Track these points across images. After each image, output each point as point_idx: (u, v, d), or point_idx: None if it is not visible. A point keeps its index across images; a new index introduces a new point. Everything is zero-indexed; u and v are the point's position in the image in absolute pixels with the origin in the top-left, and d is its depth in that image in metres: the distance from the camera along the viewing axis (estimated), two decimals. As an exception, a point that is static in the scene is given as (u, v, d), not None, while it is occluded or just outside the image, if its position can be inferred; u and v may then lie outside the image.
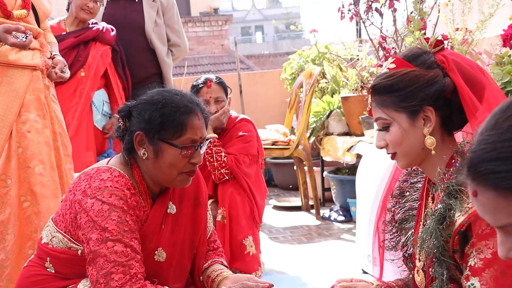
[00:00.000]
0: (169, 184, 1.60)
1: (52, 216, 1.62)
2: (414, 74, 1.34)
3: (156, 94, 1.56)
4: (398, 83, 1.34)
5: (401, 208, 1.54)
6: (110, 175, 1.50)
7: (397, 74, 1.35)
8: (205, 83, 2.77)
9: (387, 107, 1.36)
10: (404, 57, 1.38)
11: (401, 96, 1.34)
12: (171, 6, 3.65)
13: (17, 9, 2.32)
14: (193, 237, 1.68)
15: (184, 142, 1.52)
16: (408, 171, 1.58)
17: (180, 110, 1.51)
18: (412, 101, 1.33)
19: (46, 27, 2.65)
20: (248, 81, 6.12)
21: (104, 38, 3.27)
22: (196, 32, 13.02)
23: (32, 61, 2.36)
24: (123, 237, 1.42)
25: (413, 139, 1.36)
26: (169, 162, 1.52)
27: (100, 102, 3.30)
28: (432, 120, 1.35)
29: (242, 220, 2.68)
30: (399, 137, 1.36)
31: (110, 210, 1.43)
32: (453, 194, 1.28)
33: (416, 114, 1.34)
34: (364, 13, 3.63)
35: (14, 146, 2.27)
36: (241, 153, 2.75)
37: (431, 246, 1.29)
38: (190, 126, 1.52)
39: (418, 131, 1.35)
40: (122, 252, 1.40)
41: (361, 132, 3.85)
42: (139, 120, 1.54)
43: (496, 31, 2.97)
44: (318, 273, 2.99)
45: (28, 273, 1.60)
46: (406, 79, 1.34)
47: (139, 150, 1.55)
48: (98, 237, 1.41)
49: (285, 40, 29.86)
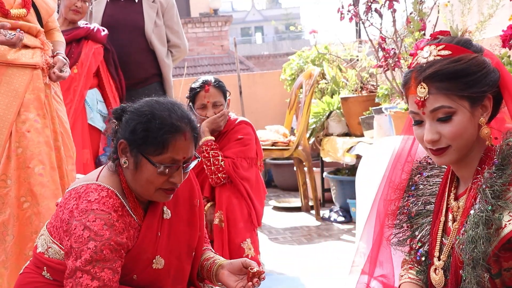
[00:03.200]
0: (146, 197, 1.56)
1: (47, 225, 1.60)
2: (480, 59, 1.27)
3: (146, 105, 1.51)
4: (467, 68, 1.25)
5: (416, 202, 1.47)
6: (98, 196, 1.46)
7: (465, 59, 1.26)
8: (203, 87, 2.73)
9: (452, 93, 1.25)
10: (457, 43, 1.29)
11: (469, 82, 1.25)
12: (170, 7, 3.65)
13: (16, 7, 2.30)
14: (191, 239, 1.66)
15: (163, 161, 1.47)
16: (422, 164, 1.52)
17: (165, 129, 1.46)
18: (480, 88, 1.25)
19: (55, 26, 2.64)
20: (248, 82, 6.11)
21: (96, 36, 3.30)
22: (195, 33, 13.01)
23: (32, 59, 2.35)
24: (93, 267, 1.39)
25: (471, 129, 1.27)
26: (146, 178, 1.49)
27: (93, 100, 3.30)
28: (489, 108, 1.28)
29: (240, 223, 2.67)
30: (462, 128, 1.26)
31: (90, 238, 1.41)
32: (498, 195, 1.21)
33: (478, 102, 1.27)
34: (364, 14, 3.63)
35: (14, 146, 2.26)
36: (238, 156, 2.73)
37: (477, 251, 1.20)
38: (172, 146, 1.46)
39: (475, 121, 1.28)
40: (87, 285, 1.39)
41: (361, 132, 3.86)
42: (125, 128, 1.50)
43: (496, 31, 2.97)
44: (317, 274, 2.99)
45: (25, 280, 1.58)
46: (474, 64, 1.25)
47: (121, 157, 1.52)
48: (71, 265, 1.41)
49: (284, 41, 29.84)
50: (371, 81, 4.33)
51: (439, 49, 1.28)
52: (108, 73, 3.37)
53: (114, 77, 3.39)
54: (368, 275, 1.61)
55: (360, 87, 4.22)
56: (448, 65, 1.26)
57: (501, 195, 1.22)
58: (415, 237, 1.47)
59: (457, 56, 1.27)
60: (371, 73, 4.33)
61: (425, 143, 1.31)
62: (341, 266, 3.09)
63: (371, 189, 2.64)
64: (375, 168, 2.69)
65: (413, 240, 1.48)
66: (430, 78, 1.27)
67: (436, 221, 1.40)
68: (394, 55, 3.53)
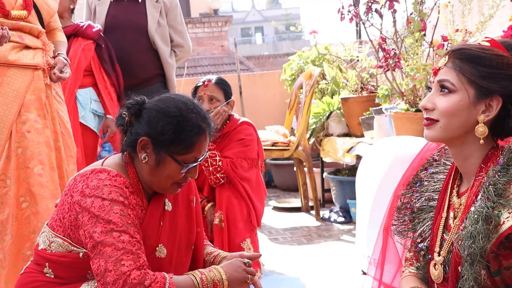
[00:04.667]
0: (160, 190, 1.60)
1: (47, 222, 1.60)
2: (508, 61, 1.28)
3: (173, 106, 1.54)
4: (490, 60, 1.28)
5: (419, 198, 1.50)
6: (108, 175, 1.50)
7: (493, 51, 1.29)
8: (204, 82, 2.79)
9: (463, 74, 1.29)
10: (502, 42, 1.31)
11: (485, 73, 1.27)
12: (174, 6, 3.64)
13: (17, 9, 2.31)
14: (189, 234, 1.69)
15: (188, 160, 1.54)
16: (429, 161, 1.54)
17: (194, 131, 1.52)
18: (492, 83, 1.27)
19: (57, 26, 2.64)
20: (248, 82, 6.12)
21: (85, 33, 3.25)
22: (196, 33, 13.02)
23: (33, 60, 2.35)
24: (128, 228, 1.42)
25: (465, 117, 1.30)
26: (167, 174, 1.54)
27: (87, 100, 3.27)
28: (493, 111, 1.29)
29: (240, 223, 2.67)
30: (455, 109, 1.30)
31: (112, 204, 1.43)
32: (500, 193, 1.23)
33: (484, 97, 1.28)
34: (364, 14, 3.63)
35: (14, 146, 2.27)
36: (238, 157, 2.74)
37: (475, 247, 1.23)
38: (198, 147, 1.54)
39: (474, 113, 1.29)
40: (129, 241, 1.40)
41: (361, 133, 3.85)
42: (149, 126, 1.52)
43: (496, 32, 2.97)
44: (317, 274, 2.99)
45: (26, 279, 1.57)
46: (499, 61, 1.28)
47: (140, 153, 1.54)
48: (102, 229, 1.40)
49: (285, 41, 29.86)
50: (371, 81, 4.33)
51: (483, 39, 1.33)
52: (101, 69, 3.31)
53: (109, 73, 3.32)
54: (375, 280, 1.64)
55: (360, 87, 4.22)
56: (474, 50, 1.30)
57: (503, 194, 1.23)
58: (416, 231, 1.48)
59: (488, 47, 1.30)
60: (371, 74, 4.33)
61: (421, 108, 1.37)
62: (341, 266, 3.09)
63: (371, 190, 2.64)
64: (375, 169, 2.70)
65: (414, 234, 1.49)
66: (454, 54, 1.32)
67: (438, 217, 1.42)
68: (394, 55, 3.53)
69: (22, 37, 2.35)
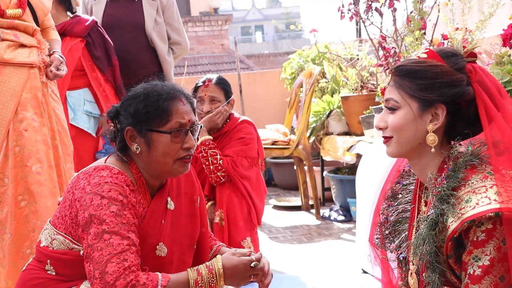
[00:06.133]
0: (167, 174, 1.60)
1: (50, 219, 1.61)
2: (442, 69, 1.34)
3: (138, 88, 1.60)
4: (425, 72, 1.34)
5: (394, 211, 1.54)
6: (110, 172, 1.51)
7: (427, 63, 1.35)
8: (204, 82, 2.78)
9: (403, 90, 1.36)
10: (438, 52, 1.38)
11: (422, 85, 1.34)
12: (170, 4, 3.65)
13: (12, 8, 2.31)
14: (192, 233, 1.69)
15: (172, 127, 1.54)
16: (401, 173, 1.58)
17: (163, 97, 1.54)
18: (430, 94, 1.33)
19: (50, 24, 2.63)
20: (248, 81, 6.11)
21: (72, 31, 3.15)
22: (196, 32, 13.01)
23: (29, 58, 2.35)
24: (120, 229, 1.42)
25: (413, 130, 1.36)
26: (162, 151, 1.54)
27: (79, 101, 3.20)
28: (440, 119, 1.35)
29: (240, 221, 2.68)
30: (402, 122, 1.36)
31: (109, 203, 1.44)
32: (444, 199, 1.28)
33: (427, 107, 1.34)
34: (364, 13, 3.63)
35: (11, 145, 2.27)
36: (239, 155, 2.74)
37: (424, 252, 1.29)
38: (175, 111, 1.55)
39: (422, 124, 1.36)
40: (118, 244, 1.41)
41: (361, 131, 3.85)
42: (126, 116, 1.56)
43: (496, 30, 2.97)
44: (317, 273, 2.99)
45: (27, 276, 1.58)
46: (433, 71, 1.34)
47: (131, 145, 1.56)
48: (95, 230, 1.42)
49: (285, 40, 29.85)
50: (372, 80, 4.32)
51: (421, 52, 1.39)
52: (94, 66, 3.21)
53: (103, 69, 3.23)
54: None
55: (361, 86, 4.22)
56: (410, 65, 1.37)
57: (448, 200, 1.28)
58: (395, 243, 1.53)
59: (424, 59, 1.37)
60: (371, 72, 4.32)
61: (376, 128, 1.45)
62: (341, 265, 3.09)
63: (371, 188, 2.65)
64: (375, 167, 2.70)
65: (394, 246, 1.53)
66: (394, 72, 1.39)
67: (410, 228, 1.46)
68: (394, 54, 3.53)
69: (17, 36, 2.35)
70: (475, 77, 1.35)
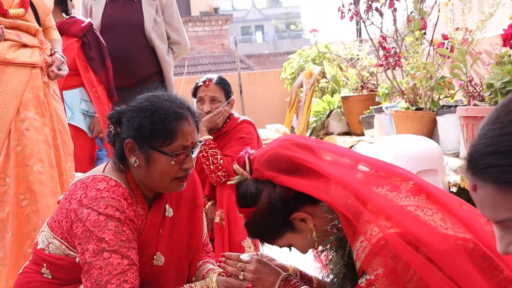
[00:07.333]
0: (162, 190, 1.58)
1: (48, 221, 1.60)
2: (259, 213, 1.44)
3: (145, 101, 1.53)
4: (257, 225, 1.47)
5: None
6: (107, 185, 1.48)
7: (251, 221, 1.48)
8: (204, 82, 2.78)
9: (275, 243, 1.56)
10: (242, 206, 1.52)
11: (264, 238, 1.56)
12: (170, 4, 3.64)
13: (14, 7, 2.31)
14: (191, 240, 1.67)
15: (175, 149, 1.50)
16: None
17: (170, 117, 1.48)
18: (278, 226, 1.47)
19: (51, 24, 2.63)
20: (248, 81, 6.12)
21: (68, 31, 3.15)
22: (196, 32, 13.02)
23: (31, 58, 2.36)
24: (120, 247, 1.40)
25: (308, 237, 1.47)
26: (160, 170, 1.50)
27: (76, 100, 3.20)
28: (308, 218, 1.43)
29: (240, 221, 2.66)
30: (300, 245, 1.55)
31: (107, 220, 1.41)
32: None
33: (291, 226, 1.46)
34: (364, 13, 3.64)
35: (13, 144, 2.27)
36: (238, 155, 2.74)
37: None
38: (180, 133, 1.49)
39: (307, 230, 1.47)
40: (118, 264, 1.39)
41: (361, 131, 3.86)
42: (128, 128, 1.51)
43: (496, 30, 2.97)
44: (317, 272, 2.99)
45: (24, 279, 1.57)
46: (258, 222, 1.45)
47: (130, 157, 1.52)
48: (94, 248, 1.39)
49: (285, 40, 29.86)
50: (372, 80, 4.33)
51: (242, 216, 1.55)
52: (88, 67, 3.21)
53: (96, 70, 3.22)
54: None
55: (361, 86, 4.22)
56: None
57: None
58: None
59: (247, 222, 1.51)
60: (371, 72, 4.33)
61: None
62: (341, 265, 3.09)
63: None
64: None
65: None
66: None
67: None
68: (394, 54, 3.53)
69: (19, 36, 2.36)
70: (266, 174, 1.47)
